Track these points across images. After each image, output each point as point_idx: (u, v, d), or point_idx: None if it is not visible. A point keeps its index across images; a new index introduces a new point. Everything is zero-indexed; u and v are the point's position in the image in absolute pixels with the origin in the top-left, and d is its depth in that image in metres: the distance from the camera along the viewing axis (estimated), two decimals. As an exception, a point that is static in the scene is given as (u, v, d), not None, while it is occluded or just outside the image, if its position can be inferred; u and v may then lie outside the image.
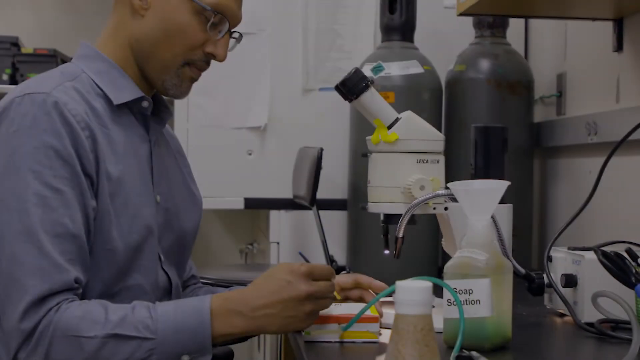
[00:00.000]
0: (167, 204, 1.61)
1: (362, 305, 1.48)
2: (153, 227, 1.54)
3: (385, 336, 1.49)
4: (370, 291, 1.69)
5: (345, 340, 1.48)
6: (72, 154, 1.41)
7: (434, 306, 1.11)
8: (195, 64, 1.57)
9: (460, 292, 1.36)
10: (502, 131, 1.84)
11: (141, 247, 1.51)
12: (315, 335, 1.49)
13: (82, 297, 1.44)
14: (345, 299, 1.69)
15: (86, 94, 1.49)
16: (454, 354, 1.21)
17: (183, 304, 1.42)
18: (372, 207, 1.70)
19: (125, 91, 1.54)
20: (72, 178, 1.40)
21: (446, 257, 1.59)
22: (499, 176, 1.79)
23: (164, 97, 1.64)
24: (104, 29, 1.61)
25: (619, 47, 2.17)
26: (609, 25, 2.19)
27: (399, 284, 1.10)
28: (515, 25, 2.71)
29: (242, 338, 1.72)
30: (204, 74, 1.63)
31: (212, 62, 1.61)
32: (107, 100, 1.52)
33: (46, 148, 1.39)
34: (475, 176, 1.83)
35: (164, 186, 1.61)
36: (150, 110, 1.59)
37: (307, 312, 1.41)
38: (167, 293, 1.60)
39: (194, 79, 1.60)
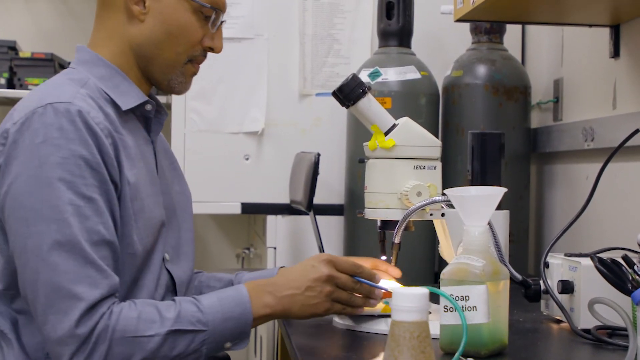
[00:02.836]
0: (166, 202, 1.63)
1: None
2: (162, 227, 1.57)
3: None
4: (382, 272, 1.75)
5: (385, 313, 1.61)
6: (100, 162, 1.43)
7: (430, 312, 1.12)
8: (197, 59, 1.62)
9: (457, 298, 1.36)
10: (499, 137, 1.84)
11: (153, 248, 1.55)
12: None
13: None
14: None
15: (97, 100, 1.50)
16: (450, 360, 1.21)
17: (224, 294, 1.49)
18: (369, 213, 1.71)
19: (130, 96, 1.57)
20: (100, 186, 1.43)
21: (443, 263, 1.59)
22: (496, 182, 1.79)
23: (167, 94, 1.66)
24: (95, 35, 1.62)
25: (615, 53, 2.17)
26: (606, 31, 2.20)
27: (396, 290, 1.10)
28: (512, 31, 2.71)
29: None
30: (200, 79, 1.65)
31: (208, 66, 1.67)
32: (115, 105, 1.54)
33: (75, 158, 1.41)
34: (472, 182, 1.83)
35: (163, 185, 1.64)
36: (153, 113, 1.61)
37: (326, 292, 1.53)
38: (170, 291, 1.62)
39: (195, 73, 1.65)
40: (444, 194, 1.58)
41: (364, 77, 2.49)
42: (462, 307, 1.36)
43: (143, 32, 1.57)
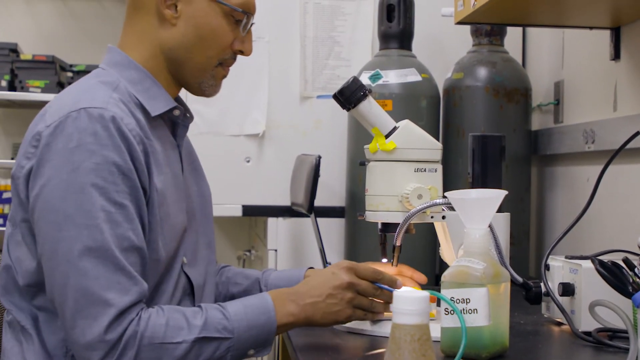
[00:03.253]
0: (187, 206, 1.63)
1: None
2: (184, 233, 1.58)
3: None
4: (412, 281, 1.75)
5: None
6: (132, 169, 1.44)
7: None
8: (227, 62, 1.62)
9: (458, 301, 1.36)
10: (499, 140, 1.84)
11: (176, 253, 1.55)
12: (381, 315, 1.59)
13: None
14: None
15: (128, 104, 1.50)
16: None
17: (248, 302, 1.50)
18: (370, 216, 1.71)
19: (160, 101, 1.57)
20: (131, 192, 1.44)
21: (444, 266, 1.59)
22: (497, 185, 1.79)
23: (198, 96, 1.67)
24: (125, 37, 1.61)
25: (616, 55, 2.17)
26: (606, 33, 2.20)
27: (397, 293, 1.10)
28: (512, 33, 2.71)
29: None
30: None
31: None
32: (144, 110, 1.54)
33: (109, 164, 1.41)
34: (473, 185, 1.83)
35: (185, 189, 1.64)
36: (181, 118, 1.62)
37: (347, 299, 1.53)
38: (187, 294, 1.62)
39: (225, 76, 1.65)
40: (444, 197, 1.58)
41: (364, 79, 2.49)
42: (463, 309, 1.36)
43: (175, 36, 1.57)
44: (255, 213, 2.84)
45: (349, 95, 1.65)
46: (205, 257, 1.68)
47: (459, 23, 2.18)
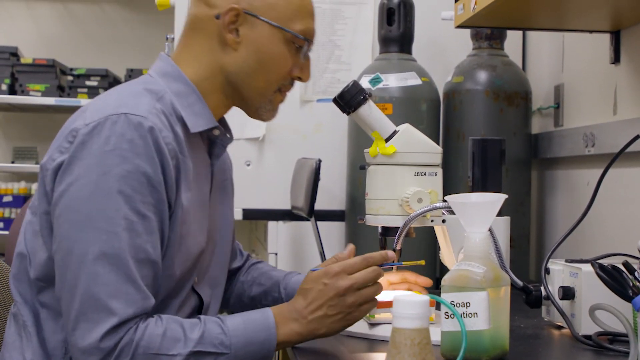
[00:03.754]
0: (208, 226, 1.62)
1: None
2: (201, 254, 1.57)
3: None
4: (416, 285, 1.79)
5: None
6: (161, 182, 1.44)
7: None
8: (285, 87, 1.62)
9: (458, 304, 1.37)
10: (499, 143, 1.85)
11: (190, 272, 1.55)
12: (379, 318, 1.59)
13: None
14: None
15: (169, 117, 1.50)
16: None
17: (249, 317, 1.48)
18: (370, 220, 1.71)
19: (201, 119, 1.56)
20: (156, 205, 1.44)
21: (444, 270, 1.59)
22: (497, 189, 1.79)
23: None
24: (180, 52, 1.60)
25: (616, 59, 2.18)
26: (606, 37, 2.20)
27: (396, 297, 1.10)
28: (512, 37, 2.71)
29: None
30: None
31: None
32: (184, 125, 1.53)
33: (139, 173, 1.41)
34: (473, 188, 1.83)
35: (209, 209, 1.63)
36: (220, 138, 1.62)
37: (348, 304, 1.49)
38: (195, 312, 1.62)
39: (283, 101, 1.65)
40: (444, 201, 1.58)
41: (365, 83, 2.49)
42: (463, 313, 1.36)
43: (236, 61, 1.56)
44: (256, 217, 2.84)
45: (349, 99, 1.66)
46: (214, 278, 1.67)
47: (459, 27, 2.19)
